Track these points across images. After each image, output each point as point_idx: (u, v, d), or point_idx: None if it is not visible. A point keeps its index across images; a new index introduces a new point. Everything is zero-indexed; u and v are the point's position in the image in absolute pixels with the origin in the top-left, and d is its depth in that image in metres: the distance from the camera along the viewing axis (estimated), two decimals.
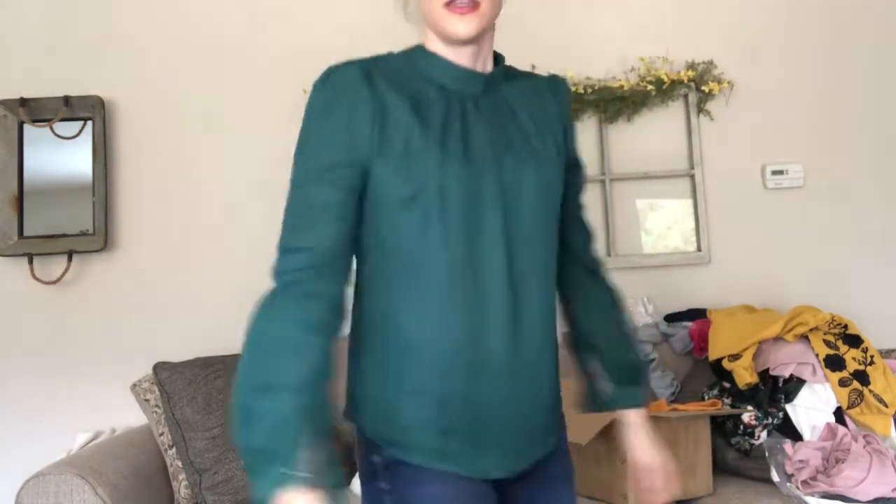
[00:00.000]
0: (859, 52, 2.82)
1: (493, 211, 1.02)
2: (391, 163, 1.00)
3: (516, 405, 1.05)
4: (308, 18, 2.68)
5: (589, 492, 1.96)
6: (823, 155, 2.78)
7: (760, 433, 2.05)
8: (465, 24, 1.01)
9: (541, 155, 1.09)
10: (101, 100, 2.55)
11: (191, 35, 2.66)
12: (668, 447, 1.90)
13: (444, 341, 1.01)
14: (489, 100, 1.09)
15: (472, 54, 1.08)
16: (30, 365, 2.52)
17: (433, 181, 0.99)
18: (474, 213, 1.01)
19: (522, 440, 1.09)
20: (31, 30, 2.62)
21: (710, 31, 2.79)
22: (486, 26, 1.04)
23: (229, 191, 2.62)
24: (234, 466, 2.04)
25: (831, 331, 2.18)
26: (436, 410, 1.03)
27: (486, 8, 1.02)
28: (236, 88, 2.65)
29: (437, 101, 1.05)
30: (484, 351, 1.02)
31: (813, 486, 1.86)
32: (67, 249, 2.49)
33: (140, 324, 2.56)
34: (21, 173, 2.52)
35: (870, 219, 2.79)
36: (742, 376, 2.12)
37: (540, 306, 1.08)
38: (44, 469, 1.82)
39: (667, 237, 2.77)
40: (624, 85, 2.67)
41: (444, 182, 1.00)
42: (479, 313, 1.01)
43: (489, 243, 1.02)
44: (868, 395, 2.04)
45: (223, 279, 2.59)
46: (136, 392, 2.20)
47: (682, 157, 2.76)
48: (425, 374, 1.02)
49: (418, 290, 1.02)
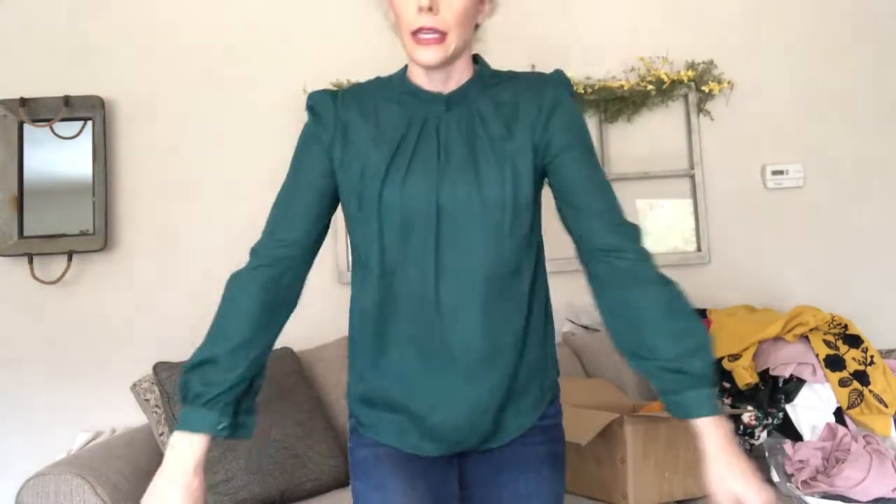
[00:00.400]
0: (859, 51, 2.82)
1: (425, 231, 1.13)
2: (348, 183, 1.16)
3: (441, 404, 1.15)
4: (308, 18, 2.68)
5: (589, 492, 1.96)
6: (823, 155, 2.78)
7: (760, 433, 2.05)
8: (431, 54, 1.10)
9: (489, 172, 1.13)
10: (101, 100, 2.55)
11: (191, 35, 2.66)
12: (668, 447, 1.91)
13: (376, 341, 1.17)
14: (452, 118, 1.17)
15: (443, 77, 1.17)
16: (30, 365, 2.52)
17: (374, 205, 1.13)
18: (408, 234, 1.13)
19: (452, 434, 1.17)
20: (31, 30, 2.61)
21: (710, 31, 2.79)
22: (452, 54, 1.12)
23: (229, 191, 2.62)
24: (234, 466, 2.04)
25: (831, 331, 2.18)
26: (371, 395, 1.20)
27: (453, 38, 1.10)
28: (236, 88, 2.65)
29: (397, 126, 1.16)
30: (409, 353, 1.15)
31: (813, 486, 1.86)
32: (67, 249, 2.49)
33: (140, 324, 2.56)
34: (21, 173, 2.52)
35: (870, 219, 2.79)
36: (742, 376, 2.12)
37: (483, 313, 1.13)
38: (44, 469, 1.82)
39: (667, 237, 2.77)
40: (624, 85, 2.67)
41: (381, 207, 1.13)
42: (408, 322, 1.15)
43: (419, 260, 1.13)
44: (868, 396, 2.04)
45: (223, 279, 2.59)
46: (136, 392, 2.19)
47: (682, 157, 2.76)
48: (364, 364, 1.20)
49: (364, 295, 1.18)
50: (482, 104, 1.18)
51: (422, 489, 1.18)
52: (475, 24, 1.17)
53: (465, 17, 1.11)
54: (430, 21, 1.08)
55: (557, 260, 2.70)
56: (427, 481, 1.19)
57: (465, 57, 1.18)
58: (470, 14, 1.12)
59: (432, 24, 1.09)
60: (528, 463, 1.21)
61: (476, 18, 1.16)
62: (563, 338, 2.58)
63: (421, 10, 1.08)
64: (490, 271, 1.14)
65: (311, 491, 2.04)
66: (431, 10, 1.07)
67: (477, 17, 1.16)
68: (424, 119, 1.16)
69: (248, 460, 2.03)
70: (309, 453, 2.06)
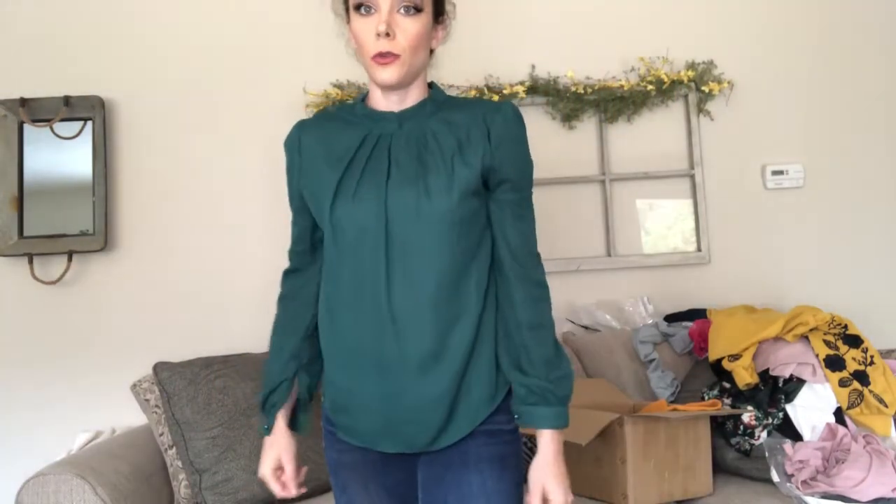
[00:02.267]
0: (860, 51, 2.82)
1: (375, 239, 1.22)
2: (312, 203, 1.29)
3: (396, 399, 1.24)
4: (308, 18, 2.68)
5: (589, 492, 1.96)
6: (823, 155, 2.78)
7: (760, 433, 2.05)
8: (389, 73, 1.23)
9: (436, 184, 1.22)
10: (101, 100, 2.55)
11: (191, 35, 2.66)
12: (668, 447, 1.91)
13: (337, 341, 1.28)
14: (403, 135, 1.27)
15: (399, 98, 1.28)
16: (30, 365, 2.52)
17: (328, 220, 1.25)
18: (360, 243, 1.23)
19: (407, 427, 1.25)
20: (31, 30, 2.61)
21: (710, 31, 2.79)
22: (407, 74, 1.24)
23: (229, 191, 2.62)
24: (234, 466, 2.04)
25: (831, 331, 2.18)
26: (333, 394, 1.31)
27: (407, 57, 1.23)
28: (236, 88, 2.65)
29: (351, 146, 1.27)
30: (365, 355, 1.24)
31: (813, 486, 1.86)
32: (67, 249, 2.49)
33: (140, 324, 2.56)
34: (21, 173, 2.52)
35: (870, 219, 2.79)
36: (742, 376, 2.12)
37: (432, 316, 1.22)
38: (44, 469, 1.82)
39: (667, 237, 2.77)
40: (624, 85, 2.67)
41: (334, 220, 1.24)
42: (362, 325, 1.23)
43: (371, 268, 1.22)
44: (868, 396, 2.04)
45: (223, 279, 2.60)
46: (136, 392, 2.20)
47: (682, 157, 2.77)
48: (329, 363, 1.31)
49: (327, 300, 1.30)
50: (434, 123, 1.27)
51: (373, 489, 1.31)
52: (430, 49, 1.29)
53: (418, 41, 1.23)
54: (387, 46, 1.21)
55: (557, 260, 2.71)
56: (380, 483, 1.32)
57: (421, 81, 1.30)
58: (423, 39, 1.24)
59: (389, 49, 1.21)
60: (469, 463, 1.26)
61: (430, 44, 1.28)
62: (563, 338, 2.58)
63: (379, 36, 1.21)
64: (440, 277, 1.22)
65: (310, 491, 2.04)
66: (389, 35, 1.21)
67: (431, 43, 1.29)
68: (378, 137, 1.27)
69: (248, 460, 2.03)
70: (308, 453, 2.06)
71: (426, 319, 1.22)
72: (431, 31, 1.27)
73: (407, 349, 1.22)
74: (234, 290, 2.58)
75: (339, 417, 1.32)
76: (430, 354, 1.22)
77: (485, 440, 1.27)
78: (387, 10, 1.21)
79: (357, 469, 1.32)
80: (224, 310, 2.56)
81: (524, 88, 2.66)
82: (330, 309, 1.29)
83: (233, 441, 2.06)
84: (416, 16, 1.23)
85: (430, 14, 1.26)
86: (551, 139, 2.71)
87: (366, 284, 1.23)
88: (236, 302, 2.58)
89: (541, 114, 2.73)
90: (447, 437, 1.26)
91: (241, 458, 2.04)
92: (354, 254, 1.24)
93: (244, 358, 2.25)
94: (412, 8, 1.22)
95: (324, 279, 1.32)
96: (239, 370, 2.18)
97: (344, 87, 2.62)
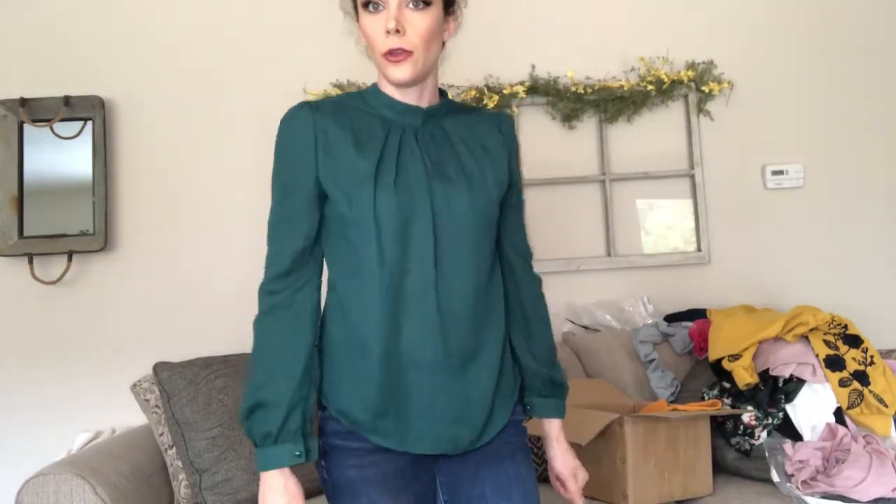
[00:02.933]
0: (860, 51, 2.82)
1: (423, 231, 1.19)
2: (339, 189, 1.19)
3: (441, 397, 1.21)
4: (308, 18, 2.68)
5: (589, 492, 1.96)
6: (823, 155, 2.78)
7: (760, 433, 2.05)
8: (402, 71, 1.19)
9: (474, 179, 1.24)
10: (101, 100, 2.55)
11: (191, 35, 2.66)
12: (668, 447, 1.91)
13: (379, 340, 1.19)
14: (428, 131, 1.26)
15: (416, 93, 1.26)
16: (30, 365, 2.52)
17: (368, 208, 1.17)
18: (406, 234, 1.18)
19: (454, 428, 1.23)
20: (31, 30, 2.61)
21: (710, 31, 2.79)
22: (421, 70, 1.21)
23: (229, 191, 2.62)
24: (234, 466, 2.04)
25: (831, 331, 2.18)
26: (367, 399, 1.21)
27: (420, 54, 1.19)
28: (236, 89, 2.65)
29: (378, 135, 1.22)
30: (410, 351, 1.19)
31: (813, 486, 1.86)
32: (67, 249, 2.49)
33: (140, 324, 2.56)
34: (21, 173, 2.52)
35: (870, 219, 2.79)
36: (742, 376, 2.12)
37: (472, 311, 1.23)
38: (44, 469, 1.82)
39: (667, 237, 2.77)
40: (624, 85, 2.67)
41: (377, 209, 1.17)
42: (408, 320, 1.19)
43: (419, 259, 1.19)
44: (868, 396, 2.04)
45: (223, 279, 2.60)
46: (136, 392, 2.20)
47: (682, 157, 2.77)
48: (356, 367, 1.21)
49: (361, 296, 1.20)
50: (452, 125, 1.29)
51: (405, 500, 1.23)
52: (441, 42, 1.26)
53: (429, 36, 1.20)
54: (397, 42, 1.18)
55: (557, 260, 2.71)
56: (412, 490, 1.25)
57: (435, 76, 1.28)
58: (434, 33, 1.21)
59: (399, 45, 1.18)
60: (503, 454, 1.28)
61: (441, 37, 1.25)
62: (563, 338, 2.58)
63: (388, 33, 1.18)
64: (479, 273, 1.24)
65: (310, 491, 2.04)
66: (399, 31, 1.17)
67: (442, 36, 1.25)
68: (402, 128, 1.24)
69: (248, 460, 2.03)
70: None
71: (469, 315, 1.22)
72: (442, 23, 1.23)
73: (452, 345, 1.20)
74: (235, 290, 2.58)
75: (380, 422, 1.21)
76: (472, 350, 1.23)
77: (512, 431, 1.32)
78: (395, 5, 1.18)
79: (387, 482, 1.21)
80: (224, 310, 2.55)
81: (524, 88, 2.66)
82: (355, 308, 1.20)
83: (233, 441, 2.06)
84: (425, 10, 1.19)
85: (441, 6, 1.22)
86: (551, 139, 2.72)
87: (410, 278, 1.18)
88: (236, 302, 2.57)
89: (541, 114, 2.73)
90: (487, 434, 1.28)
91: (242, 458, 2.04)
92: (396, 246, 1.18)
93: (244, 358, 2.25)
94: (421, 2, 1.18)
95: (338, 278, 1.23)
96: (239, 370, 2.17)
97: (344, 87, 2.62)
